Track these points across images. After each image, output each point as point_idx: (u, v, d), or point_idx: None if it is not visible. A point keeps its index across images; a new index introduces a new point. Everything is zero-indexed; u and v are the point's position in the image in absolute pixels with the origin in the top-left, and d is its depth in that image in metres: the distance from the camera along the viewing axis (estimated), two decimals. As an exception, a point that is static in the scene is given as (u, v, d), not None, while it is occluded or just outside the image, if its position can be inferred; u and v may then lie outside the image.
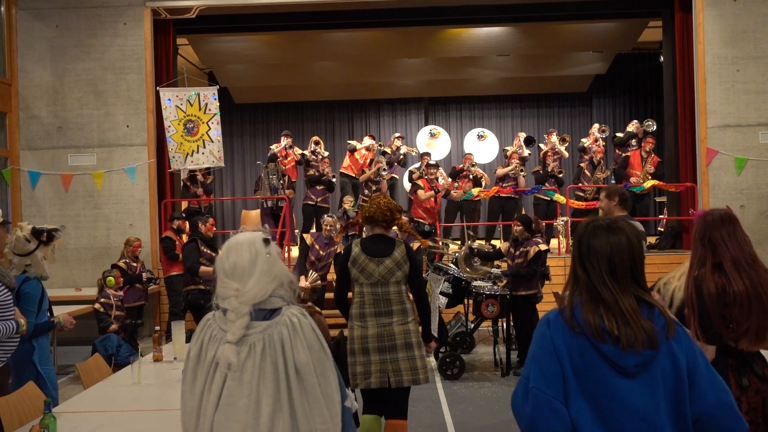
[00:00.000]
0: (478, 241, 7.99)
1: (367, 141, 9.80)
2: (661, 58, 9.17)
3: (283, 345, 1.71)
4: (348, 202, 8.51)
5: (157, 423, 2.62)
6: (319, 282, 6.09)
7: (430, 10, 9.45)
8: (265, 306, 1.75)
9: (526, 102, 13.43)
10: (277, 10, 8.99)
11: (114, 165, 8.07)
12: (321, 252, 6.51)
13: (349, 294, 3.50)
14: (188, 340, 4.03)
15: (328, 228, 6.44)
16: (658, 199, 9.91)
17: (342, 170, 9.76)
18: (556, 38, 10.64)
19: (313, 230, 8.46)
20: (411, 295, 3.51)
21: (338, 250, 6.48)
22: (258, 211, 9.75)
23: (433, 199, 8.42)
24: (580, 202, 8.62)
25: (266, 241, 1.81)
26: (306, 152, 9.40)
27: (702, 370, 1.59)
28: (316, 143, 9.44)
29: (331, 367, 1.78)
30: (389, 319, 3.35)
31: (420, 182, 8.48)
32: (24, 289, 3.48)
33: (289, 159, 9.38)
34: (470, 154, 9.72)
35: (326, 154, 9.56)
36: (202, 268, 5.71)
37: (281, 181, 8.98)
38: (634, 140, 8.96)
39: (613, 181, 8.70)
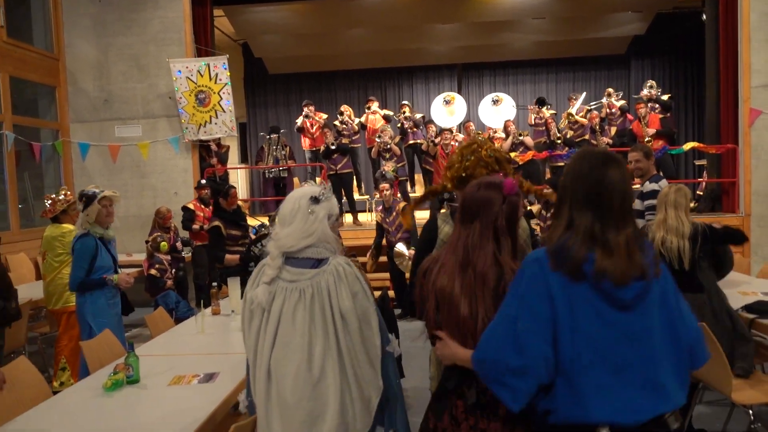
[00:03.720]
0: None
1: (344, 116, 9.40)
2: (704, 16, 8.89)
3: (329, 292, 1.84)
4: (389, 167, 7.91)
5: (221, 364, 2.86)
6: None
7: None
8: (313, 255, 1.88)
9: (561, 66, 13.19)
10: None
11: (158, 135, 8.36)
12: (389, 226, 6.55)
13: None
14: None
15: (386, 194, 6.38)
16: (697, 162, 9.68)
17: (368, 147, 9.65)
18: (593, -2, 10.40)
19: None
20: None
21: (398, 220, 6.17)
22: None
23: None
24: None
25: (314, 199, 1.90)
26: (338, 121, 9.41)
27: (682, 301, 1.58)
28: (341, 114, 9.37)
29: (374, 312, 1.88)
30: None
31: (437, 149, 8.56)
32: (76, 245, 3.81)
33: (315, 128, 9.40)
34: (469, 122, 9.83)
35: (356, 121, 9.52)
36: (228, 257, 5.21)
37: (283, 152, 9.10)
38: (651, 103, 8.87)
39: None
